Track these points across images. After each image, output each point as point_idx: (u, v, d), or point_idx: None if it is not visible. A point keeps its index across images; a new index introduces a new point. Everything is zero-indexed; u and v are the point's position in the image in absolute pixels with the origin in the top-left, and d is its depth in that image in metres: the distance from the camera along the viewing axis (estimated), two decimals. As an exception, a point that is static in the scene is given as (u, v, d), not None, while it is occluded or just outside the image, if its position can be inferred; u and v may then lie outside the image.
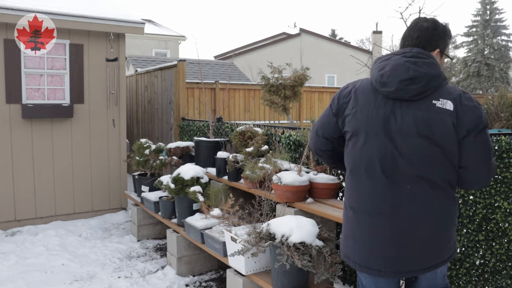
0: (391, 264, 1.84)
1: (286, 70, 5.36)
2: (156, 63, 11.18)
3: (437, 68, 1.83)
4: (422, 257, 1.83)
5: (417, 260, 1.83)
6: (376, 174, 1.85)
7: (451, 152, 1.79)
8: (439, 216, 1.82)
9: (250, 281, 2.94)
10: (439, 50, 1.94)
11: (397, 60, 1.84)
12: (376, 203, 1.85)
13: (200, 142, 4.67)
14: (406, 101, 1.81)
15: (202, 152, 4.66)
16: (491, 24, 28.17)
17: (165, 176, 4.33)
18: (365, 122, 1.87)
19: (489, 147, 1.82)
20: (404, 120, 1.79)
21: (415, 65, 1.80)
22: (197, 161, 4.71)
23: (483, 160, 1.82)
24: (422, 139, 1.77)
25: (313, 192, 3.30)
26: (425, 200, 1.80)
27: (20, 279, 3.76)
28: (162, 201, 4.29)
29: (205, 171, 4.22)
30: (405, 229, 1.81)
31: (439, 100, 1.78)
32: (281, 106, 5.13)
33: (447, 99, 1.77)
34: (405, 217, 1.81)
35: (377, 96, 1.87)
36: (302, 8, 71.10)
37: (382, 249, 1.85)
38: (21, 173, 5.23)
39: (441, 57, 1.97)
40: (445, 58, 2.01)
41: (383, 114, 1.84)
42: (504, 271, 2.90)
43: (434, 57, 1.88)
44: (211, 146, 4.61)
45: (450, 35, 2.00)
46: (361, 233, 1.90)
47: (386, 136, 1.82)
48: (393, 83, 1.81)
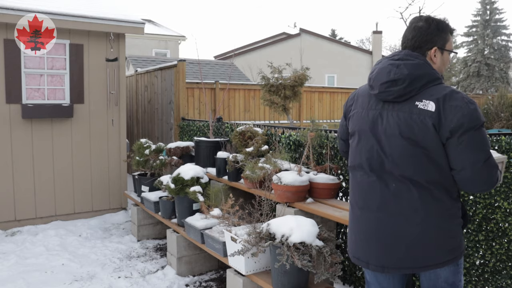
0: (376, 258, 1.92)
1: (286, 70, 5.36)
2: (156, 63, 11.18)
3: (423, 68, 1.83)
4: (407, 256, 1.85)
5: (401, 257, 1.87)
6: (366, 172, 1.95)
7: (435, 153, 1.78)
8: (424, 216, 1.83)
9: (250, 281, 2.94)
10: (437, 48, 1.92)
11: (383, 64, 1.92)
12: (366, 200, 1.95)
13: (200, 142, 4.67)
14: (392, 103, 1.87)
15: (202, 152, 4.66)
16: (491, 24, 28.17)
17: (165, 176, 4.33)
18: (359, 123, 1.97)
19: (478, 149, 1.74)
20: (389, 121, 1.86)
21: (398, 68, 1.84)
22: (197, 161, 4.71)
23: (471, 162, 1.74)
24: (404, 140, 1.81)
25: (313, 192, 3.30)
26: (409, 199, 1.83)
27: (20, 279, 3.76)
28: (162, 201, 4.29)
29: (205, 171, 4.22)
30: (389, 225, 1.88)
31: (422, 101, 1.79)
32: (281, 106, 5.13)
33: (430, 100, 1.78)
34: (389, 214, 1.87)
35: (370, 98, 1.96)
36: (302, 8, 71.14)
37: (369, 242, 1.94)
38: (21, 173, 5.23)
39: (442, 53, 1.94)
40: (449, 53, 1.97)
41: (372, 115, 1.92)
42: (504, 271, 2.90)
43: (422, 57, 1.88)
44: (211, 146, 4.61)
45: (447, 29, 1.95)
46: (355, 226, 2.02)
47: (373, 137, 1.90)
48: (376, 86, 1.89)
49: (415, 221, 1.83)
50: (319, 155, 3.68)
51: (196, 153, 4.78)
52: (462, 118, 1.72)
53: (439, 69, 1.95)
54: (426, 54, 1.93)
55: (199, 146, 4.68)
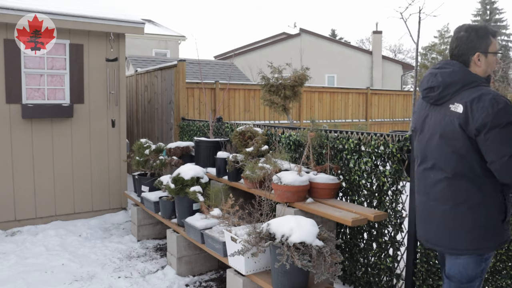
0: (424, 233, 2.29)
1: (286, 70, 5.36)
2: (156, 63, 11.18)
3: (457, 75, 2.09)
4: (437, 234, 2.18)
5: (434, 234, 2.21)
6: (418, 162, 2.32)
7: (464, 150, 2.04)
8: (452, 204, 2.11)
9: (250, 281, 2.94)
10: (479, 53, 2.13)
11: (427, 72, 2.25)
12: (418, 185, 2.33)
13: (200, 142, 4.67)
14: (434, 105, 2.19)
15: (202, 152, 4.66)
16: (491, 24, 28.18)
17: (165, 176, 4.33)
18: (416, 122, 2.33)
19: (504, 144, 1.95)
20: (432, 121, 2.19)
21: (435, 76, 2.16)
22: (197, 161, 4.71)
23: (498, 156, 1.95)
24: (440, 138, 2.12)
25: (313, 192, 3.30)
26: (442, 187, 2.14)
27: (20, 279, 3.76)
28: (162, 201, 4.29)
29: (205, 171, 4.22)
30: (429, 207, 2.23)
31: (454, 104, 2.07)
32: (281, 106, 5.13)
33: (460, 103, 2.04)
34: (430, 198, 2.22)
35: (423, 101, 2.30)
36: (302, 8, 71.13)
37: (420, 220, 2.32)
38: (21, 173, 5.23)
39: (486, 56, 2.14)
40: (493, 55, 2.16)
41: (423, 115, 2.26)
42: (504, 271, 2.90)
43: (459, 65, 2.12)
44: (211, 146, 4.61)
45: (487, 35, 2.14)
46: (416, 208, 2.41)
47: (423, 133, 2.25)
48: (421, 92, 2.25)
49: (445, 205, 2.13)
50: (319, 155, 3.68)
51: (196, 153, 4.78)
52: (486, 118, 1.94)
53: (485, 71, 2.16)
54: (470, 60, 2.15)
55: (199, 146, 4.68)
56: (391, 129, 12.15)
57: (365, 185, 3.26)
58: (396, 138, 3.03)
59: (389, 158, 3.07)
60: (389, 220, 3.10)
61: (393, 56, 39.47)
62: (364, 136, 3.26)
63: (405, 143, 2.97)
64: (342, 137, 3.41)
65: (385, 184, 3.10)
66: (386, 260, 3.13)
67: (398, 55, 40.81)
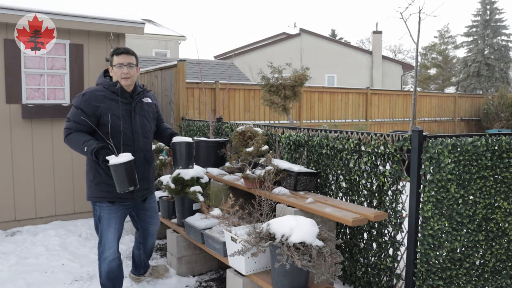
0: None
1: (286, 70, 5.36)
2: (156, 63, 11.19)
3: None
4: None
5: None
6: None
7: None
8: None
9: (250, 281, 2.94)
10: None
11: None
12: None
13: (200, 142, 4.67)
14: None
15: (202, 152, 4.65)
16: (491, 24, 28.15)
17: (165, 176, 4.32)
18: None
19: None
20: None
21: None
22: (197, 161, 4.71)
23: None
24: None
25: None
26: None
27: (20, 279, 3.76)
28: (162, 201, 4.29)
29: (205, 171, 4.22)
30: None
31: None
32: (281, 106, 5.14)
33: None
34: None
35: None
36: (302, 8, 71.10)
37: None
38: (21, 173, 5.23)
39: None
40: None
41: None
42: (504, 271, 2.90)
43: None
44: (211, 146, 4.60)
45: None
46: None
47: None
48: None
49: None
50: (319, 155, 3.68)
51: (196, 153, 4.77)
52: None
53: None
54: None
55: (199, 146, 4.68)
56: (391, 129, 12.15)
57: (365, 185, 3.26)
58: (396, 138, 3.03)
59: (389, 158, 3.07)
60: (389, 220, 3.10)
61: (393, 56, 39.48)
62: (364, 136, 3.26)
63: (405, 143, 2.97)
64: (342, 137, 3.41)
65: (385, 184, 3.10)
66: (386, 260, 3.13)
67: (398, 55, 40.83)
